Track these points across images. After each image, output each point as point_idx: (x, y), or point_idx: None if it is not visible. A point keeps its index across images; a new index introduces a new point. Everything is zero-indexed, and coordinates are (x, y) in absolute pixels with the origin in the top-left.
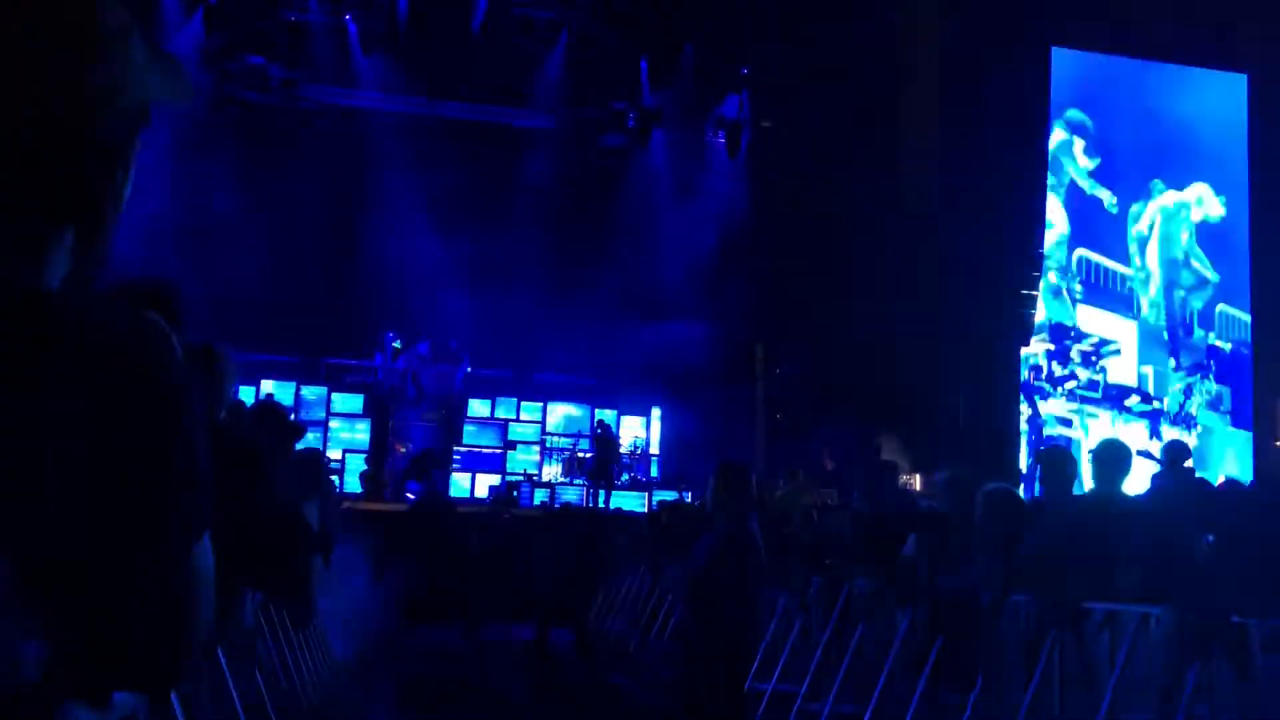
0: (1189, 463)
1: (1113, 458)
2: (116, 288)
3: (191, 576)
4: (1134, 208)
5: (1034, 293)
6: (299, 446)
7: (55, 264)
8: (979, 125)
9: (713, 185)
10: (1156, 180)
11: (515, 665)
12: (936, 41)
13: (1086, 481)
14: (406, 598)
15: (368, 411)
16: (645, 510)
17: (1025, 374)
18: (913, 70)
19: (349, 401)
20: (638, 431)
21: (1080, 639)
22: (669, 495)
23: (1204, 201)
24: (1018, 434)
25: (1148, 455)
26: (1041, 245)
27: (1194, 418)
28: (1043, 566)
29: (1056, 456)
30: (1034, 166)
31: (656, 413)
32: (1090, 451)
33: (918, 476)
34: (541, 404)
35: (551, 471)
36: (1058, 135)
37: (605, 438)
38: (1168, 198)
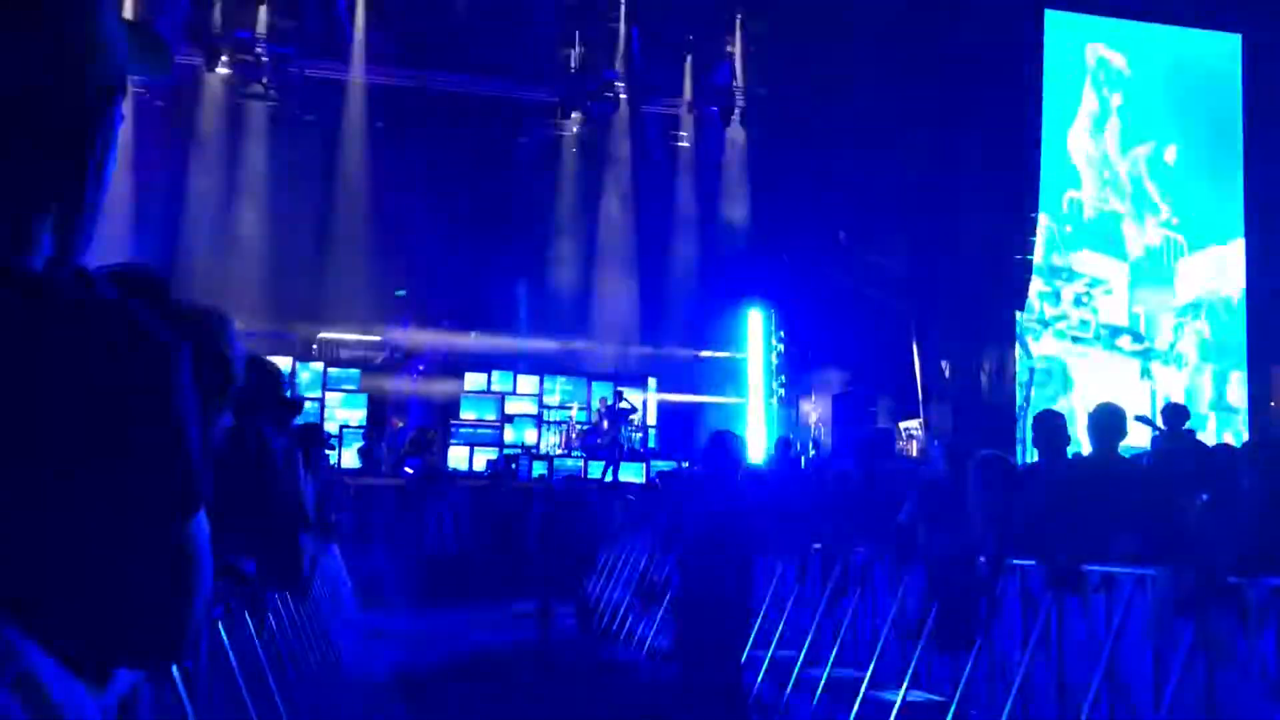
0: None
1: (1109, 422)
2: (105, 272)
3: (187, 552)
4: (1133, 151)
5: (1030, 257)
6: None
7: (39, 243)
8: (973, 86)
9: (706, 152)
10: (1148, 127)
11: (516, 638)
12: (929, 3)
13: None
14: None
15: (363, 387)
16: (644, 480)
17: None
18: (905, 33)
19: (345, 377)
20: (634, 401)
21: (1077, 601)
22: (667, 465)
23: (1191, 146)
24: (1014, 399)
25: (1146, 421)
26: (1036, 209)
27: (1184, 356)
28: (1039, 530)
29: (1050, 420)
30: (1029, 127)
31: (653, 382)
32: (1088, 415)
33: (914, 442)
34: (538, 376)
35: (550, 443)
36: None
37: (616, 411)
38: (1157, 145)
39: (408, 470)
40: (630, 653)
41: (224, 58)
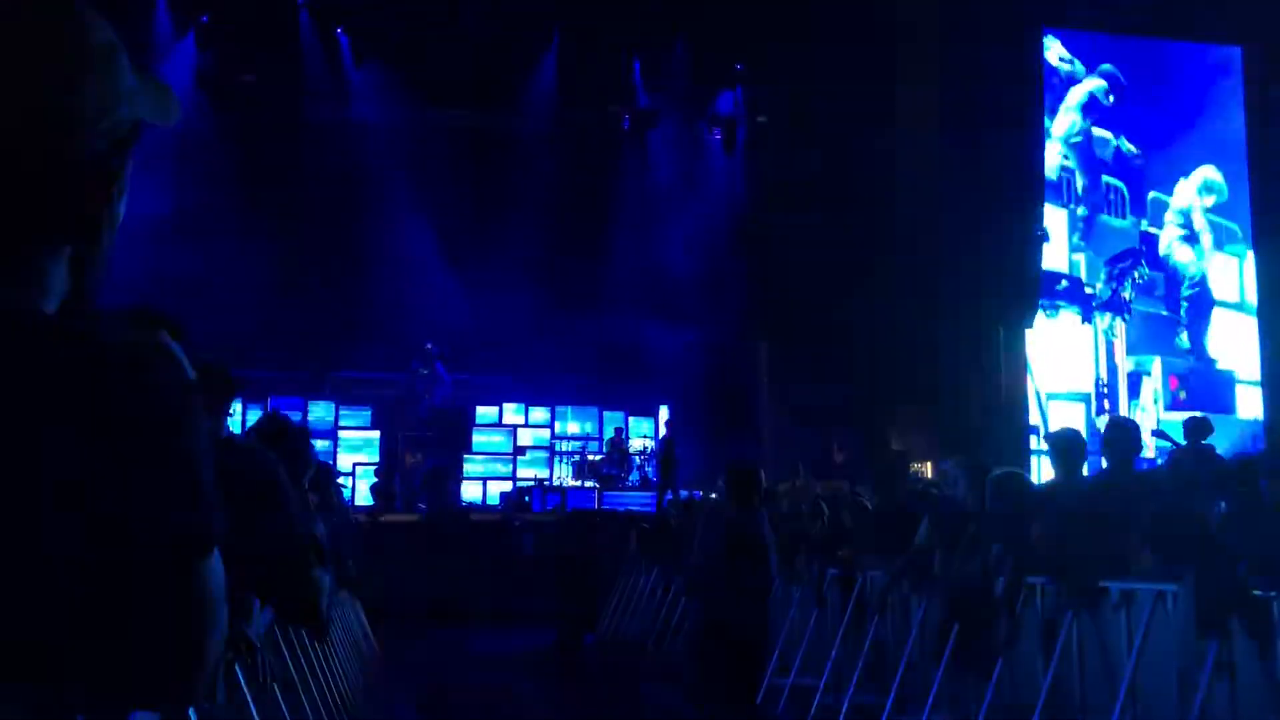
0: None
1: (1123, 437)
2: (118, 315)
3: (202, 592)
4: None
5: (1036, 276)
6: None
7: (53, 286)
8: (976, 112)
9: (711, 182)
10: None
11: (532, 668)
12: (932, 30)
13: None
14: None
15: (376, 424)
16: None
17: None
18: (908, 59)
19: (357, 415)
20: (644, 431)
21: (1097, 620)
22: (679, 494)
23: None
24: (1026, 415)
25: (1164, 435)
26: (1041, 228)
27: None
28: (1057, 549)
29: (1066, 439)
30: (1032, 151)
31: (664, 413)
32: (1102, 431)
33: (928, 465)
34: (549, 408)
35: (562, 474)
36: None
37: (670, 449)
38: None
39: (422, 507)
40: (646, 682)
41: (231, 99)
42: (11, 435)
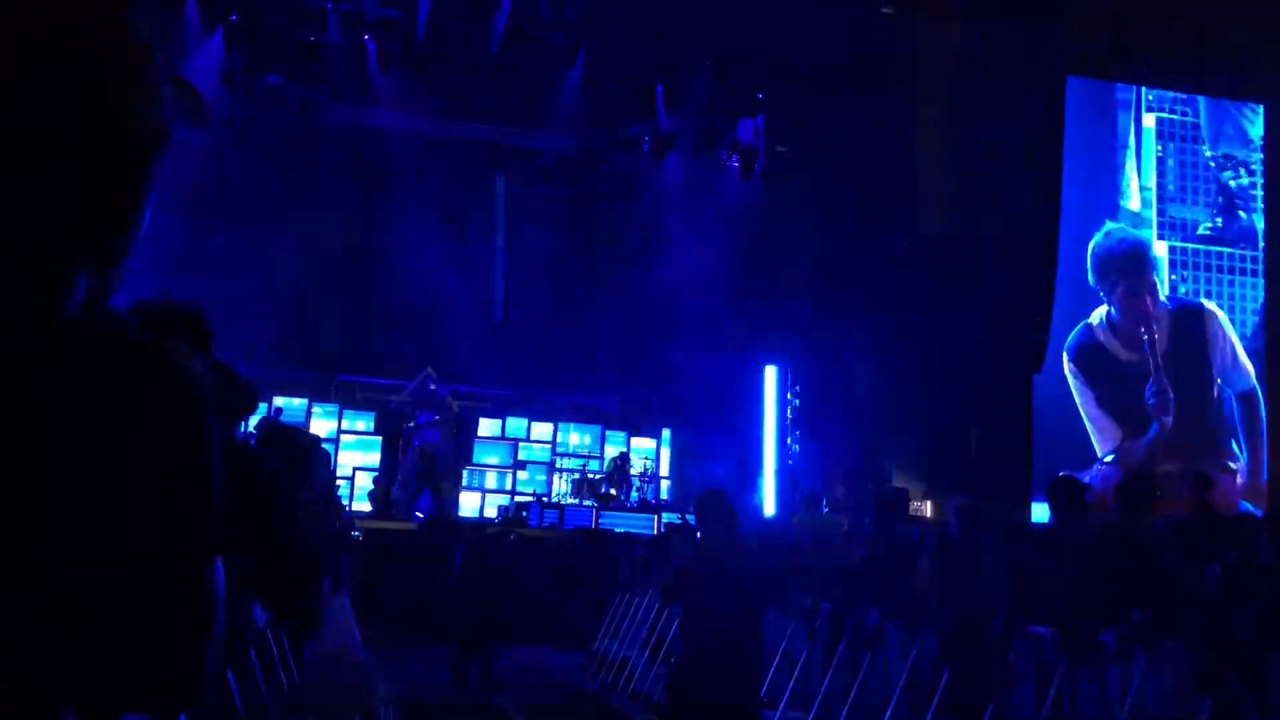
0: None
1: (1137, 491)
2: (143, 309)
3: (203, 598)
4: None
5: (1046, 319)
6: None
7: (75, 287)
8: (993, 152)
9: (726, 208)
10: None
11: (519, 687)
12: (952, 67)
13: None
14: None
15: (378, 429)
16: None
17: None
18: (928, 95)
19: (360, 419)
20: (646, 452)
21: (1091, 670)
22: (676, 518)
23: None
24: (1029, 458)
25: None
26: (1054, 271)
27: None
28: (1055, 597)
29: (1068, 486)
30: (1047, 194)
31: (667, 434)
32: (1115, 485)
33: (929, 504)
34: (552, 424)
35: (561, 491)
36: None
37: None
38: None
39: (418, 515)
40: (633, 706)
41: (254, 100)
42: (23, 436)
